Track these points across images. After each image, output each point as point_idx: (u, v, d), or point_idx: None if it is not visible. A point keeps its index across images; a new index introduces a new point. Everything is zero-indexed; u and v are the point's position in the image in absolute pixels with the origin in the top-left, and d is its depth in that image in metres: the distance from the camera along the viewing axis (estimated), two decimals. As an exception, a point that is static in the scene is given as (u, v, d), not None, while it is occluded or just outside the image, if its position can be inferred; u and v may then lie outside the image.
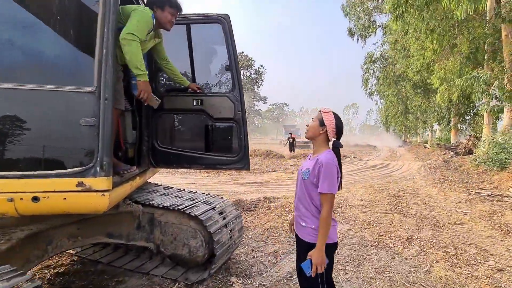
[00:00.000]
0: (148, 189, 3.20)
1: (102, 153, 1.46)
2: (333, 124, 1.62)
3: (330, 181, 1.51)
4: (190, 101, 2.72)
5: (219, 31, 2.65)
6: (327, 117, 1.63)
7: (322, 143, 1.66)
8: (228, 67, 2.69)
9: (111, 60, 1.51)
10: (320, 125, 1.64)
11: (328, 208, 1.51)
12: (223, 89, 2.93)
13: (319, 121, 1.65)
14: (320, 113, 1.67)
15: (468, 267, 2.93)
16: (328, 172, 1.51)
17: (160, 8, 2.12)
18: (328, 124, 1.62)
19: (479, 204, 5.56)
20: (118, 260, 2.96)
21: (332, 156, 1.58)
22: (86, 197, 1.48)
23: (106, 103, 1.47)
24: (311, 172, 1.57)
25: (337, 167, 1.56)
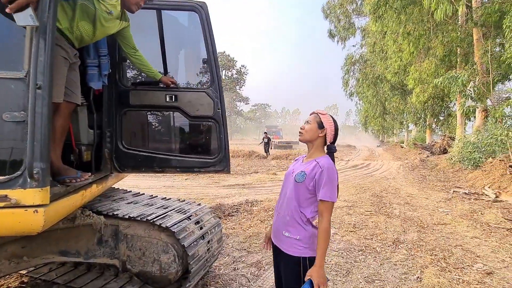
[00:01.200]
0: (114, 197, 2.82)
1: (32, 158, 1.12)
2: (333, 127, 1.51)
3: (332, 188, 1.36)
4: (162, 96, 2.39)
5: (194, 20, 2.37)
6: (325, 119, 1.51)
7: (319, 146, 1.52)
8: (206, 60, 2.43)
9: (49, 37, 1.17)
10: (319, 128, 1.50)
11: (328, 218, 1.35)
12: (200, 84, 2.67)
13: (317, 124, 1.51)
14: (318, 115, 1.53)
15: (457, 271, 2.83)
16: (331, 178, 1.37)
17: None
18: (328, 126, 1.50)
19: (458, 203, 5.63)
20: (78, 279, 2.55)
21: (331, 162, 1.44)
22: (11, 214, 1.13)
23: (39, 93, 1.13)
24: (308, 175, 1.41)
25: (337, 173, 1.42)
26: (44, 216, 1.16)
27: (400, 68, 14.84)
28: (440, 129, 20.27)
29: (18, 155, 1.15)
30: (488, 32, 10.45)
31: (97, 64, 1.93)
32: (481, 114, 10.80)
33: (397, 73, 15.82)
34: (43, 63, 1.14)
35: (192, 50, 2.89)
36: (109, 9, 1.75)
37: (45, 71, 1.15)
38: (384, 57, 18.41)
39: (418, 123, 20.95)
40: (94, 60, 1.92)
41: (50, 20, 1.16)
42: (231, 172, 10.34)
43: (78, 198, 1.54)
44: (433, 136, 20.15)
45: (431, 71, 12.15)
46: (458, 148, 10.26)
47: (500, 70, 10.07)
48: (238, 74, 49.38)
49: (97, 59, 1.93)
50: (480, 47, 10.40)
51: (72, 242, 2.19)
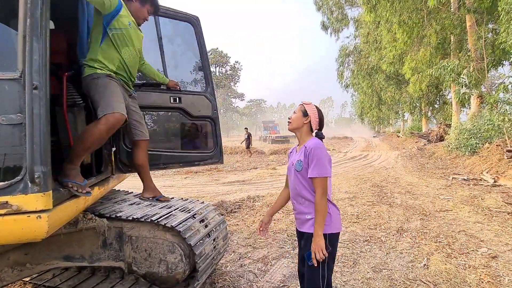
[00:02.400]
0: (116, 199, 2.78)
1: (32, 161, 1.07)
2: (316, 115, 1.66)
3: (319, 165, 1.50)
4: (166, 98, 2.57)
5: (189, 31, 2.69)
6: (309, 108, 1.67)
7: (306, 133, 1.67)
8: (200, 68, 2.79)
9: (42, 34, 1.11)
10: (304, 116, 1.66)
11: (320, 193, 1.48)
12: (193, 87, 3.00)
13: (302, 112, 1.67)
14: (302, 105, 1.69)
15: (463, 257, 2.84)
16: (317, 156, 1.51)
17: (139, 2, 2.01)
18: (311, 114, 1.65)
19: (459, 189, 5.67)
20: (83, 283, 2.51)
21: (319, 142, 1.59)
22: (13, 222, 1.08)
23: (35, 94, 1.08)
24: (303, 161, 1.56)
25: (325, 151, 1.56)
26: (48, 222, 1.11)
27: (395, 58, 14.82)
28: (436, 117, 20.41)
29: (18, 159, 1.10)
30: (481, 18, 10.44)
31: (92, 63, 1.86)
32: (476, 100, 10.87)
33: (392, 63, 15.80)
34: (38, 62, 1.09)
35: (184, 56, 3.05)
36: (128, 21, 1.90)
37: (41, 71, 1.10)
38: (378, 47, 18.37)
39: (413, 112, 21.04)
40: (89, 59, 1.85)
41: (43, 16, 1.10)
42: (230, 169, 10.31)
43: (81, 202, 1.50)
44: (429, 124, 20.28)
45: (426, 60, 12.15)
46: (454, 135, 10.32)
47: (494, 55, 10.11)
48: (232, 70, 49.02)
49: (92, 57, 1.86)
50: (473, 34, 10.41)
51: (76, 246, 2.14)
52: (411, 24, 11.67)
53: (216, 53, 46.68)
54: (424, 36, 12.20)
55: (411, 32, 11.94)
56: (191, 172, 9.58)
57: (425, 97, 17.22)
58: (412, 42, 12.53)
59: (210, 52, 46.51)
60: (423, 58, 12.11)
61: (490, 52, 10.01)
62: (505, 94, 8.00)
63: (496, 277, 2.45)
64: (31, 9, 1.10)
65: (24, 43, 1.09)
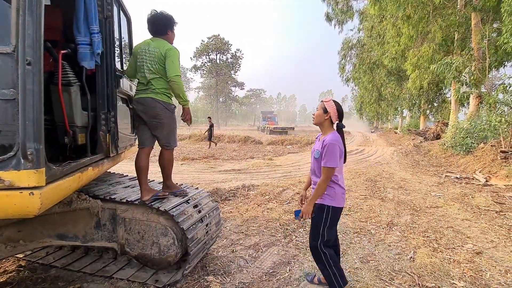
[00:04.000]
0: (111, 181, 2.79)
1: (25, 138, 1.07)
2: (335, 110, 1.98)
3: (329, 157, 1.88)
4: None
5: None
6: (328, 105, 2.00)
7: (328, 126, 2.02)
8: None
9: (36, 9, 1.08)
10: (324, 112, 2.00)
11: (324, 178, 1.91)
12: None
13: (322, 110, 2.01)
14: (322, 103, 2.03)
15: (448, 252, 2.92)
16: (330, 150, 1.88)
17: (171, 30, 2.39)
18: (331, 110, 1.98)
19: (450, 187, 5.75)
20: (76, 262, 2.56)
21: (336, 137, 1.93)
22: (6, 197, 1.09)
23: (28, 69, 1.06)
24: (320, 152, 1.95)
25: (339, 146, 1.91)
26: (41, 199, 1.12)
27: (398, 53, 14.69)
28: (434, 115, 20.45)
29: (10, 136, 1.10)
30: (486, 17, 10.33)
31: (88, 42, 1.83)
32: (475, 100, 10.87)
33: (394, 59, 15.67)
34: (32, 37, 1.07)
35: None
36: None
37: (35, 46, 1.08)
38: (381, 41, 18.16)
39: (412, 109, 21.05)
40: (86, 37, 1.82)
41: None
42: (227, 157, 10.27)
43: (75, 181, 1.51)
44: (427, 122, 20.34)
45: (428, 57, 12.06)
46: (451, 134, 10.38)
47: (496, 56, 10.05)
48: (233, 58, 48.32)
49: (88, 36, 1.83)
50: (477, 32, 10.32)
51: (70, 226, 2.17)
52: (416, 19, 11.51)
53: (218, 39, 45.87)
54: (429, 32, 12.06)
55: (416, 27, 11.79)
56: (188, 159, 9.60)
57: (424, 95, 17.20)
58: (416, 38, 12.39)
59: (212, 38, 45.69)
60: (425, 54, 12.02)
61: (493, 52, 9.95)
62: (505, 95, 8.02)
63: (479, 271, 2.53)
64: (25, -18, 1.07)
65: (18, 16, 1.07)
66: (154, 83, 2.27)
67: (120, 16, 2.49)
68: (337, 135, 1.95)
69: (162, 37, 2.34)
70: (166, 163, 2.48)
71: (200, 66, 47.25)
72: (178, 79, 2.23)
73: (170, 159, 2.50)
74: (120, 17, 2.50)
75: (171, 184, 2.53)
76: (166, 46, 2.26)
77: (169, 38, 2.38)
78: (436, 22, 11.40)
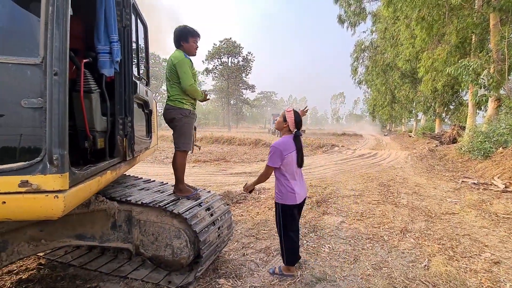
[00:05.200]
0: (126, 183, 2.88)
1: (51, 144, 1.13)
2: (293, 120, 2.34)
3: (269, 157, 2.34)
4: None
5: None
6: (288, 115, 2.36)
7: (285, 133, 2.43)
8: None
9: (63, 22, 1.15)
10: (284, 121, 2.39)
11: (262, 173, 2.44)
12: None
13: (283, 118, 2.40)
14: (284, 112, 2.40)
15: (465, 260, 2.84)
16: (270, 152, 2.34)
17: (185, 41, 2.53)
18: (289, 120, 2.36)
19: (467, 193, 5.57)
20: (93, 262, 2.65)
21: (281, 141, 2.36)
22: (33, 200, 1.16)
23: (55, 80, 1.13)
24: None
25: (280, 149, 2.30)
26: (64, 201, 1.19)
27: (412, 55, 14.38)
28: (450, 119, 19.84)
29: (38, 142, 1.17)
30: (506, 17, 9.97)
31: (108, 51, 1.92)
32: (494, 103, 10.49)
33: (408, 61, 15.34)
34: (58, 49, 1.14)
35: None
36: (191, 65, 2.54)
37: (61, 57, 1.15)
38: (395, 43, 17.84)
39: (427, 112, 20.51)
40: (105, 46, 1.91)
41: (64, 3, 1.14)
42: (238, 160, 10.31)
43: (95, 184, 1.58)
44: (442, 125, 19.76)
45: (443, 59, 11.74)
46: (468, 138, 10.05)
47: (517, 57, 9.67)
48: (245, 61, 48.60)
49: (108, 45, 1.92)
50: (496, 33, 9.97)
51: (88, 226, 2.25)
52: (430, 20, 11.24)
53: (229, 43, 46.30)
54: (444, 34, 11.76)
55: (430, 29, 11.51)
56: (199, 161, 9.72)
57: (440, 97, 16.73)
58: (431, 40, 12.10)
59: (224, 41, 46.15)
60: (440, 56, 11.71)
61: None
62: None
63: (497, 282, 2.45)
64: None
65: (46, 30, 1.14)
66: (170, 90, 2.47)
67: (137, 24, 2.58)
68: (285, 139, 2.35)
69: (179, 48, 2.54)
70: (176, 165, 2.58)
71: (211, 69, 47.78)
72: (191, 88, 2.43)
73: (181, 162, 2.57)
74: (137, 25, 2.60)
75: (183, 188, 2.59)
76: (177, 57, 2.44)
77: (184, 49, 2.54)
78: (452, 23, 11.10)
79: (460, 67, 9.00)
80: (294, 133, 2.37)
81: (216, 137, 17.95)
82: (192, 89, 2.44)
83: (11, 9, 1.24)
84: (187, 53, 2.54)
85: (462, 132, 13.01)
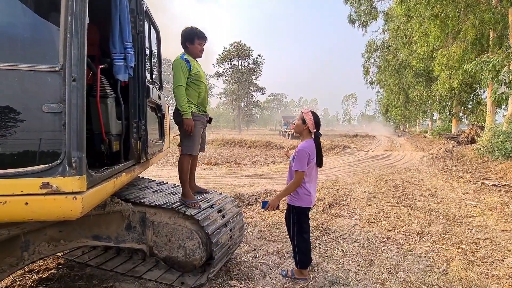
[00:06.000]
0: (140, 186, 2.94)
1: (70, 147, 1.18)
2: (312, 121, 2.28)
3: (296, 162, 2.21)
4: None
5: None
6: (307, 116, 2.29)
7: (306, 135, 2.34)
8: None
9: (81, 30, 1.20)
10: (303, 123, 2.31)
11: (294, 181, 2.25)
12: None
13: (302, 120, 2.32)
14: (302, 114, 2.33)
15: (486, 265, 2.72)
16: (297, 156, 2.21)
17: (190, 42, 2.51)
18: (308, 121, 2.28)
19: (487, 195, 5.36)
20: (109, 262, 2.72)
21: (307, 144, 2.26)
22: (53, 201, 1.21)
23: (74, 85, 1.18)
24: (293, 157, 2.29)
25: (308, 152, 2.21)
26: (82, 203, 1.23)
27: (426, 54, 14.01)
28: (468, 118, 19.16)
29: (57, 145, 1.22)
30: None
31: (123, 57, 1.98)
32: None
33: (422, 59, 14.96)
34: (77, 56, 1.19)
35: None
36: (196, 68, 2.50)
37: (79, 64, 1.20)
38: (408, 42, 17.45)
39: (443, 111, 19.90)
40: (120, 52, 1.97)
41: (82, 12, 1.19)
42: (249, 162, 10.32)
43: (111, 186, 1.62)
44: (459, 125, 19.11)
45: (459, 56, 11.37)
46: (487, 138, 9.68)
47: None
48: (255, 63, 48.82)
49: (123, 51, 1.98)
50: (516, 29, 9.60)
51: (104, 227, 2.31)
52: (443, 18, 10.93)
53: (239, 46, 46.65)
54: (460, 31, 11.41)
55: (445, 27, 11.19)
56: (211, 164, 9.80)
57: (457, 96, 16.19)
58: (445, 37, 11.75)
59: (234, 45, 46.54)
60: (455, 54, 11.34)
61: (534, 49, 9.18)
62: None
63: (522, 289, 2.34)
64: (71, 6, 1.19)
65: (65, 38, 1.19)
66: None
67: (150, 30, 2.65)
68: (310, 142, 2.26)
69: (185, 50, 2.55)
70: (178, 168, 2.56)
71: (222, 73, 48.24)
72: (177, 90, 2.37)
73: (182, 165, 2.53)
74: (150, 31, 2.66)
75: (186, 192, 2.51)
76: (175, 58, 2.45)
77: (189, 50, 2.54)
78: (468, 20, 10.76)
79: (479, 63, 8.68)
80: (315, 134, 2.30)
81: (227, 140, 18.05)
82: (176, 91, 2.36)
83: (33, 19, 1.30)
84: (192, 54, 2.53)
85: (481, 132, 12.54)
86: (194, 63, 2.50)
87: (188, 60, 2.44)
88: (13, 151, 1.20)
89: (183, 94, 2.36)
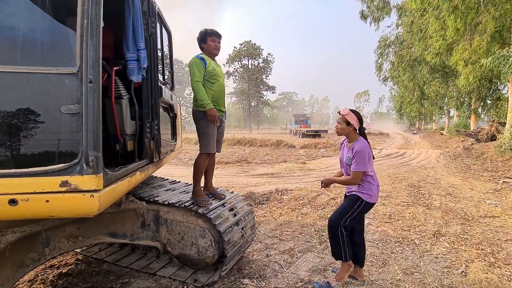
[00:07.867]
0: (154, 184, 3.00)
1: (87, 147, 1.22)
2: (356, 120, 2.25)
3: (359, 162, 2.17)
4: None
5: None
6: (349, 117, 2.24)
7: (353, 135, 2.29)
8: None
9: (96, 33, 1.24)
10: (347, 125, 2.26)
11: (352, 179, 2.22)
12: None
13: (345, 123, 2.26)
14: (343, 117, 2.26)
15: (508, 267, 2.61)
16: (359, 157, 2.17)
17: (203, 42, 2.57)
18: (353, 121, 2.24)
19: (509, 195, 5.13)
20: (124, 259, 2.80)
21: (364, 144, 2.21)
22: (71, 199, 1.25)
23: (90, 87, 1.21)
24: (351, 159, 2.22)
25: (368, 152, 2.19)
26: (99, 200, 1.27)
27: (443, 48, 13.54)
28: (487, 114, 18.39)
29: (75, 145, 1.27)
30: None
31: (136, 58, 2.02)
32: (539, 96, 9.58)
33: (438, 54, 14.47)
34: (93, 58, 1.23)
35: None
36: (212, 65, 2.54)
37: (95, 66, 1.24)
38: (423, 37, 16.93)
39: (460, 108, 19.19)
40: (133, 54, 2.01)
41: (97, 16, 1.23)
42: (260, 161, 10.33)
43: (126, 184, 1.67)
44: (478, 122, 18.38)
45: (483, 50, 10.85)
46: (509, 135, 9.27)
47: None
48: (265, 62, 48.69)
49: (136, 52, 2.02)
50: (540, 20, 9.12)
51: (119, 225, 2.38)
52: (463, 9, 10.50)
53: (249, 45, 46.65)
54: (479, 23, 10.94)
55: (465, 19, 10.74)
56: (222, 163, 9.88)
57: (475, 92, 15.57)
58: (465, 30, 11.29)
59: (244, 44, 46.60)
60: (479, 47, 10.84)
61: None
62: None
63: (547, 292, 2.23)
64: (87, 10, 1.23)
65: (82, 41, 1.23)
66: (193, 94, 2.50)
67: (162, 32, 2.69)
68: (363, 141, 2.23)
69: (202, 51, 2.61)
70: (194, 166, 2.60)
71: (232, 72, 48.40)
72: (195, 85, 2.42)
73: (198, 164, 2.56)
74: (162, 32, 2.70)
75: (197, 191, 2.54)
76: (191, 59, 2.50)
77: (205, 50, 2.60)
78: (488, 11, 10.31)
79: (498, 57, 8.32)
80: (360, 130, 2.28)
81: (238, 139, 18.12)
82: (194, 86, 2.42)
83: (50, 24, 1.35)
84: (208, 54, 2.58)
85: (502, 129, 12.01)
86: (210, 61, 2.55)
87: (203, 58, 2.50)
88: (33, 151, 1.26)
89: (200, 87, 2.41)
